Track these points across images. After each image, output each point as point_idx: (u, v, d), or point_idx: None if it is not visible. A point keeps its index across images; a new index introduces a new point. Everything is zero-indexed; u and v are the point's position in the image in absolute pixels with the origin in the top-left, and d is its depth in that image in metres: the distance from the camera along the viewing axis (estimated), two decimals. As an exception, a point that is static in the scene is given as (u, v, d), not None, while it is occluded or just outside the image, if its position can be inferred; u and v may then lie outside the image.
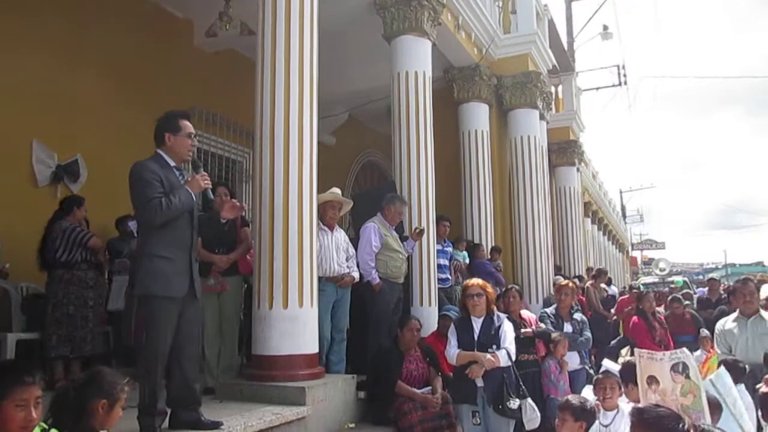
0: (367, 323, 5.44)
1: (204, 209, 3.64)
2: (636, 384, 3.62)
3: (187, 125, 3.48)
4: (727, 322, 4.46)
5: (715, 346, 4.63)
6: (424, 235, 6.41)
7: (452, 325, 4.46)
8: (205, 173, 3.50)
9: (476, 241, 8.83)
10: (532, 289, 9.52)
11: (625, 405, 3.75)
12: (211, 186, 3.53)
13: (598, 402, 3.77)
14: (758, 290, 4.64)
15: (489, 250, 8.88)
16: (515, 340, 4.30)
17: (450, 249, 7.60)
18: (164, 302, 3.25)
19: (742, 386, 3.83)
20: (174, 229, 3.31)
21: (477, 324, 4.20)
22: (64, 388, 2.36)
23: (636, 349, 2.62)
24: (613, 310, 9.24)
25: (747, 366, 4.07)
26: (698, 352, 6.39)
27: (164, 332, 3.25)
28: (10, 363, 2.27)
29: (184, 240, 3.37)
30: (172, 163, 3.44)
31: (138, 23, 7.15)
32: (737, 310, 4.51)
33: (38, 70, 6.08)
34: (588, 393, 3.99)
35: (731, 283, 12.96)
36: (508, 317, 4.45)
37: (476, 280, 4.40)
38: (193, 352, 3.46)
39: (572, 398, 3.24)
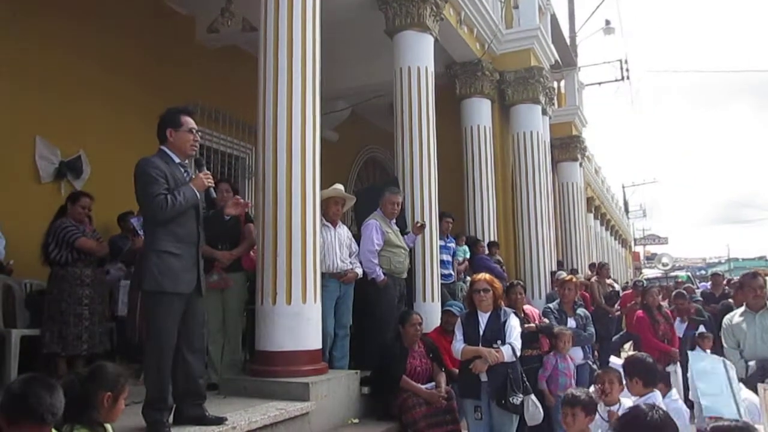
0: (371, 319, 5.43)
1: (207, 207, 3.64)
2: (640, 379, 3.65)
3: (188, 120, 3.47)
4: (735, 317, 4.43)
5: (723, 340, 4.60)
6: (427, 231, 6.42)
7: (459, 319, 4.46)
8: (208, 172, 3.51)
9: (478, 236, 8.83)
10: (535, 284, 9.52)
11: (627, 400, 3.76)
12: (213, 185, 3.54)
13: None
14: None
15: (487, 246, 8.87)
16: (518, 335, 4.29)
17: (452, 245, 7.60)
18: (172, 298, 3.27)
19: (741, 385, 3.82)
20: (181, 225, 3.33)
21: (483, 319, 4.19)
22: (69, 381, 2.39)
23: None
24: (616, 306, 9.25)
25: (755, 361, 4.06)
26: (696, 351, 6.38)
27: (172, 327, 3.28)
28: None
29: (191, 236, 3.39)
30: (177, 159, 3.44)
31: (140, 19, 7.15)
32: (744, 305, 4.48)
33: (41, 66, 6.08)
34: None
35: (734, 278, 12.98)
36: (514, 313, 4.45)
37: (484, 275, 4.39)
38: (198, 348, 3.48)
39: (577, 392, 3.22)
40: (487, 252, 8.65)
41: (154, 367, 3.26)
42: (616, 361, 4.13)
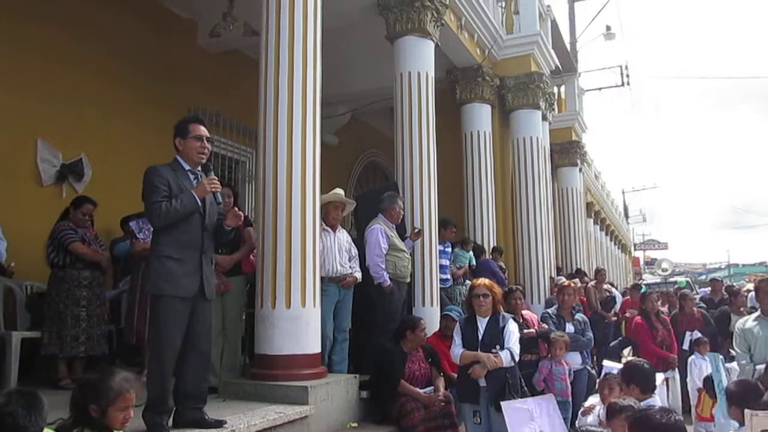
0: (370, 323, 5.44)
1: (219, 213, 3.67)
2: (636, 385, 3.67)
3: (196, 128, 3.54)
4: (748, 321, 4.45)
5: (734, 344, 4.60)
6: (427, 236, 6.44)
7: (457, 324, 4.47)
8: (215, 177, 3.55)
9: (478, 241, 8.85)
10: (534, 289, 9.53)
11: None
12: (219, 189, 3.58)
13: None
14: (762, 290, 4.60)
15: (490, 251, 8.90)
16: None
17: (449, 249, 7.62)
18: (174, 301, 3.32)
19: None
20: (184, 231, 3.39)
21: (482, 324, 4.20)
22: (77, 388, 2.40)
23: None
24: (615, 310, 9.25)
25: (763, 365, 4.08)
26: (692, 357, 6.37)
27: (173, 331, 3.31)
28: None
29: (195, 241, 3.44)
30: (188, 167, 3.51)
31: (142, 23, 7.18)
32: (759, 310, 4.49)
33: (43, 69, 6.10)
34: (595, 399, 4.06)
35: (735, 284, 13.00)
36: (513, 318, 4.46)
37: (483, 280, 4.40)
38: (204, 351, 3.51)
39: (592, 428, 3.25)
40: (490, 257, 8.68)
41: (155, 369, 3.30)
42: (609, 365, 4.14)
